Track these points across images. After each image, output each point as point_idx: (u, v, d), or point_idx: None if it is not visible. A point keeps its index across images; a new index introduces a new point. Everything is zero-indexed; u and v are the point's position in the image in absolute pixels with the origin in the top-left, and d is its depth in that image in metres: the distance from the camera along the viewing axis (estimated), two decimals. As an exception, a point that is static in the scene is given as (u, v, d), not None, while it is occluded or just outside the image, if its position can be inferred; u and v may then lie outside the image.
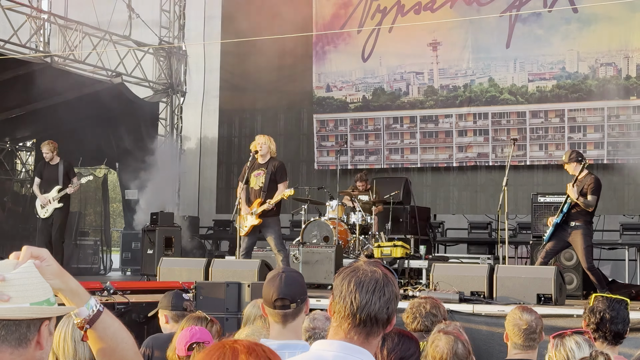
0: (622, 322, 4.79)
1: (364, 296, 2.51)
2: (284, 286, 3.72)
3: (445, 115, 16.10)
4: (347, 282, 2.55)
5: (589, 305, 4.89)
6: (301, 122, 17.86)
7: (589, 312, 4.84)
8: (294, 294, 3.72)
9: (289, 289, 3.72)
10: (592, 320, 4.78)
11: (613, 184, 14.81)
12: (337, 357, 2.49)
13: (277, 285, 3.74)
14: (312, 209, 13.56)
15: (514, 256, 14.46)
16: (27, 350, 2.12)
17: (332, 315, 2.58)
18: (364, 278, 2.54)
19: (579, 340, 4.19)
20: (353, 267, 2.60)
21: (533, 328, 4.84)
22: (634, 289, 11.34)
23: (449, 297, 8.96)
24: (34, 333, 2.12)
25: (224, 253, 15.93)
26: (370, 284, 2.53)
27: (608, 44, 14.77)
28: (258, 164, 11.00)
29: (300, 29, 15.71)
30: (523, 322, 4.85)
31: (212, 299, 8.69)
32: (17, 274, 2.12)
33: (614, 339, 4.78)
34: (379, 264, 2.64)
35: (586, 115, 14.97)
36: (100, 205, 18.73)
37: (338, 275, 2.62)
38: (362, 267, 2.59)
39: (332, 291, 2.62)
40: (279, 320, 3.72)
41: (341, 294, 2.54)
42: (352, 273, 2.57)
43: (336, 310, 2.56)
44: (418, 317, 5.40)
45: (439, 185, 16.53)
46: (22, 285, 2.11)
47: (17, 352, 2.10)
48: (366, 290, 2.52)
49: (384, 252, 12.14)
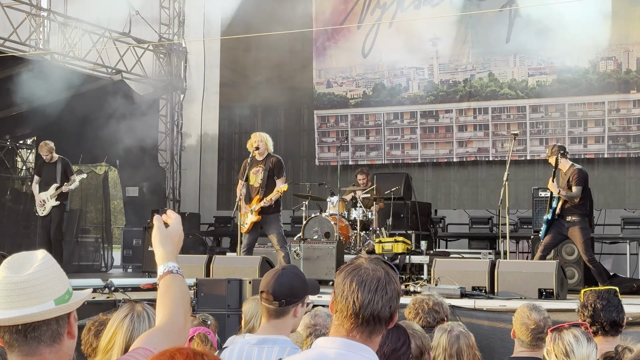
0: (615, 309, 4.79)
1: (366, 296, 2.49)
2: (273, 282, 3.77)
3: (446, 111, 16.09)
4: (348, 281, 2.52)
5: (581, 301, 4.91)
6: (302, 118, 17.85)
7: (581, 308, 4.86)
8: (280, 293, 3.75)
9: (278, 287, 3.76)
10: (586, 314, 4.79)
11: (614, 178, 14.81)
12: (339, 355, 2.48)
13: (269, 279, 3.80)
14: (313, 205, 13.56)
15: (515, 251, 14.45)
16: (62, 343, 2.21)
17: (334, 314, 2.56)
18: (365, 277, 2.51)
19: (577, 333, 4.19)
20: (354, 265, 2.57)
21: (541, 328, 4.83)
22: (635, 283, 11.35)
23: (451, 292, 8.95)
24: (64, 327, 2.19)
25: (225, 250, 15.92)
26: (372, 283, 2.50)
27: (608, 38, 14.74)
28: (256, 161, 11.03)
29: (300, 25, 15.69)
30: (531, 322, 4.85)
31: (214, 295, 8.68)
32: (35, 273, 2.15)
33: (612, 328, 4.77)
34: (380, 260, 2.62)
35: (587, 109, 14.95)
36: (101, 202, 18.73)
37: (339, 273, 2.59)
38: (363, 265, 2.56)
39: (334, 289, 2.59)
40: (264, 314, 3.82)
41: (343, 294, 2.52)
42: (353, 272, 2.54)
43: (338, 309, 2.54)
44: (420, 313, 5.39)
45: (440, 181, 16.53)
46: (43, 284, 2.15)
47: (54, 349, 2.17)
48: (368, 289, 2.49)
49: (385, 247, 12.14)
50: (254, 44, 17.24)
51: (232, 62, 18.40)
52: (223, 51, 18.41)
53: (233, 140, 18.50)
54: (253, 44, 17.17)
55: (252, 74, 18.14)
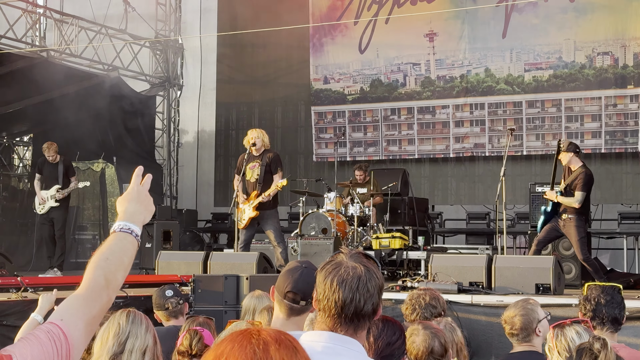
0: (618, 306, 4.81)
1: (348, 295, 2.48)
2: (300, 281, 3.64)
3: (442, 106, 16.09)
4: (329, 281, 2.51)
5: (583, 295, 4.91)
6: (299, 114, 17.84)
7: (584, 301, 4.86)
8: (307, 292, 3.68)
9: (305, 286, 3.65)
10: (588, 307, 4.80)
11: (611, 174, 14.82)
12: (326, 348, 2.48)
13: (295, 278, 3.66)
14: (310, 201, 13.55)
15: (512, 246, 14.46)
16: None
17: (318, 312, 2.56)
18: (346, 276, 2.50)
19: (579, 329, 4.20)
20: (334, 264, 2.55)
21: (513, 323, 4.84)
22: (632, 278, 11.37)
23: (448, 287, 8.96)
24: None
25: (223, 246, 15.93)
26: (353, 282, 2.49)
27: (605, 33, 14.75)
28: (253, 156, 11.05)
29: (297, 21, 15.69)
30: (503, 321, 4.88)
31: (211, 292, 8.69)
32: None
33: (612, 324, 4.79)
34: (361, 255, 2.60)
35: (583, 104, 14.96)
36: (98, 199, 18.70)
37: (320, 271, 2.58)
38: (343, 262, 2.54)
39: (316, 287, 2.59)
40: (284, 312, 3.67)
41: (325, 293, 2.51)
42: (334, 271, 2.53)
43: (321, 308, 2.54)
44: (417, 309, 5.39)
45: (437, 176, 16.54)
46: None
47: None
48: (349, 288, 2.48)
49: (382, 243, 12.15)
50: (251, 40, 17.23)
51: (228, 58, 18.39)
52: (220, 47, 18.40)
53: (230, 136, 18.49)
54: (250, 40, 17.16)
55: (249, 70, 18.15)
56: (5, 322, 8.26)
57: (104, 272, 2.22)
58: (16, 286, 8.75)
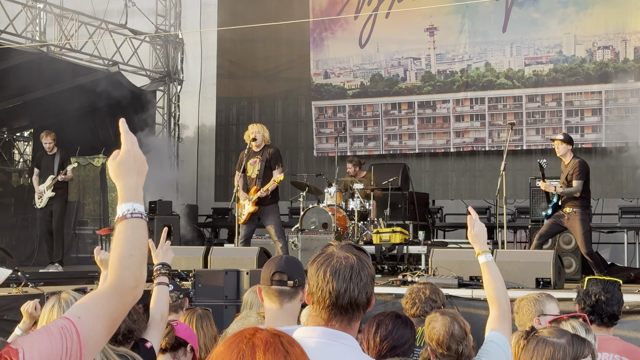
0: (617, 303, 4.81)
1: (342, 285, 2.48)
2: (283, 263, 3.74)
3: (443, 101, 16.08)
4: (322, 272, 2.51)
5: (583, 289, 4.90)
6: (299, 109, 17.83)
7: (583, 295, 4.85)
8: (293, 271, 3.71)
9: (288, 266, 3.73)
10: (587, 302, 4.79)
11: (611, 168, 14.81)
12: (320, 344, 2.46)
13: (277, 262, 3.76)
14: (310, 196, 13.56)
15: (512, 241, 14.47)
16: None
17: (312, 305, 2.55)
18: (338, 266, 2.50)
19: (575, 325, 4.19)
20: (326, 255, 2.56)
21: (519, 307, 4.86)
22: (632, 272, 11.37)
23: (448, 282, 8.97)
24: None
25: (223, 241, 15.93)
26: (346, 272, 2.49)
27: (605, 27, 14.72)
28: (253, 152, 11.06)
29: (297, 15, 15.68)
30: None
31: (211, 286, 8.70)
32: None
33: (609, 320, 4.79)
34: (351, 246, 2.60)
35: (583, 99, 14.95)
36: (98, 194, 18.71)
37: (311, 264, 2.57)
38: (335, 253, 2.54)
39: (308, 280, 2.59)
40: (275, 300, 3.67)
41: (318, 285, 2.51)
42: (326, 262, 2.53)
43: (315, 300, 2.53)
44: (417, 303, 5.40)
45: (437, 171, 16.53)
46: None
47: None
48: (343, 278, 2.48)
49: (382, 238, 12.16)
50: (251, 35, 17.21)
51: (229, 53, 18.37)
52: (220, 42, 18.38)
53: (230, 131, 18.48)
54: (250, 35, 17.14)
55: (249, 65, 18.14)
56: (5, 316, 8.28)
57: (132, 272, 2.11)
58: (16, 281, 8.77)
